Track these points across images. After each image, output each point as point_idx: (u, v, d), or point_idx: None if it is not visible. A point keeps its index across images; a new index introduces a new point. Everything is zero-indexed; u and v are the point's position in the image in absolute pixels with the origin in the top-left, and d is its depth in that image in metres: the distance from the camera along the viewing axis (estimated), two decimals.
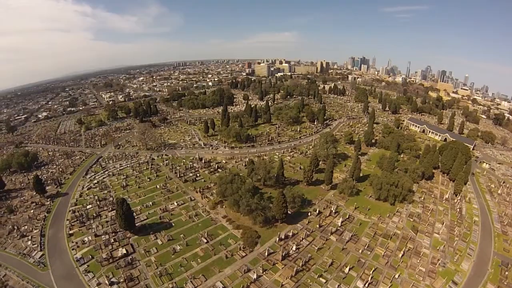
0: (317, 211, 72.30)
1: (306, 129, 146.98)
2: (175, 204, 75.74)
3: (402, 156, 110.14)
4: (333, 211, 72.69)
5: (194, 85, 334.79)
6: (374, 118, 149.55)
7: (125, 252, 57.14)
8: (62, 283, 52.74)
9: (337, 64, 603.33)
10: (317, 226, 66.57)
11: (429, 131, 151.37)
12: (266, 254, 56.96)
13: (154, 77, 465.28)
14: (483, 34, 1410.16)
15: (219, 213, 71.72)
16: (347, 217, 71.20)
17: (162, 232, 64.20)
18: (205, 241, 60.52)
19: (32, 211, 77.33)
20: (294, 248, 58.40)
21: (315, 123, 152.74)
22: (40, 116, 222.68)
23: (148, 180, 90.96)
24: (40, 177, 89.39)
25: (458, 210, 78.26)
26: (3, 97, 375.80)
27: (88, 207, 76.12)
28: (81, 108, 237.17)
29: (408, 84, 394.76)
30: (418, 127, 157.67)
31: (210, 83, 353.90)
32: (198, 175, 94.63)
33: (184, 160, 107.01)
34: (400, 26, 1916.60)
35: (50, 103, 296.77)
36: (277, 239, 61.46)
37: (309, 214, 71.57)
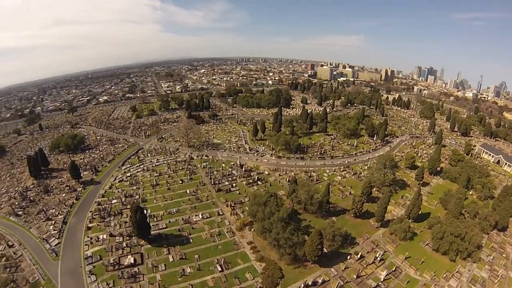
0: (359, 255, 62.91)
1: (363, 144, 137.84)
2: (200, 216, 74.01)
3: (471, 192, 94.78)
4: (378, 258, 62.66)
5: (254, 82, 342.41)
6: (441, 141, 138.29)
7: (132, 261, 57.11)
8: (65, 279, 55.20)
9: (402, 73, 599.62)
10: (354, 276, 57.08)
11: (505, 163, 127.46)
12: None
13: (215, 70, 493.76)
14: None
15: (245, 237, 67.12)
16: (394, 269, 60.35)
17: (177, 247, 62.71)
18: (220, 269, 56.48)
19: (64, 195, 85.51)
20: None
21: (375, 138, 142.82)
22: (100, 99, 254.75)
23: (180, 182, 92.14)
24: (78, 161, 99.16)
25: None
26: (75, 78, 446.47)
27: (113, 201, 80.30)
28: (138, 95, 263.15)
29: (480, 101, 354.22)
30: (493, 156, 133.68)
31: (270, 82, 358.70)
32: (234, 185, 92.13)
33: (223, 165, 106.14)
34: (473, 34, 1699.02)
35: (113, 87, 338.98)
36: (303, 285, 53.85)
37: (348, 257, 62.72)
